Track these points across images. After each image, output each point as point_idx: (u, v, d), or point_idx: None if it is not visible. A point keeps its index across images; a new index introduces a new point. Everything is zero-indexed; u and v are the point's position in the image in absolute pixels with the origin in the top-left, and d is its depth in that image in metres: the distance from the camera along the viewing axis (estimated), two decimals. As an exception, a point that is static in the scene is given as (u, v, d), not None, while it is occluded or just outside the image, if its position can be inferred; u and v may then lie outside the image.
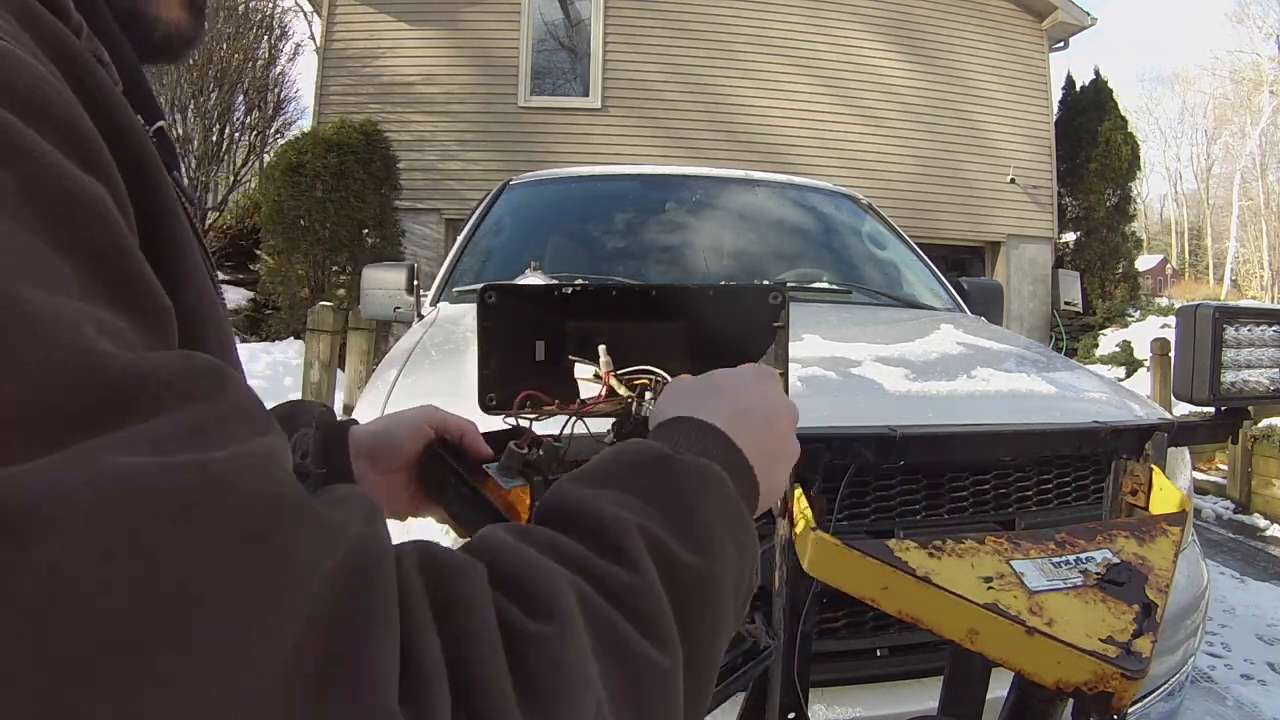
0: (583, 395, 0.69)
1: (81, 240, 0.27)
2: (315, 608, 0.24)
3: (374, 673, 0.24)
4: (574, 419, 0.67)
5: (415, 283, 2.47)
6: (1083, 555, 0.77)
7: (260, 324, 7.75)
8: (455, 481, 0.65)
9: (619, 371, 0.69)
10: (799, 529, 0.80)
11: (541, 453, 0.66)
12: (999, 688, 0.91)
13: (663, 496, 0.39)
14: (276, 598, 0.23)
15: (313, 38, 11.12)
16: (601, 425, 0.70)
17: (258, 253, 7.91)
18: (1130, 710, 1.15)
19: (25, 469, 0.21)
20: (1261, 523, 5.03)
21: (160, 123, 0.44)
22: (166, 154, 0.42)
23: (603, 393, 0.68)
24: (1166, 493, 0.96)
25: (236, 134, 9.93)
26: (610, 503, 0.37)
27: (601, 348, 0.69)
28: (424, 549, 0.31)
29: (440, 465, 0.68)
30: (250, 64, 9.89)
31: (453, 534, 0.60)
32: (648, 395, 0.67)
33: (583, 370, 0.70)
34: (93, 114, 0.31)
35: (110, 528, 0.21)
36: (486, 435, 0.71)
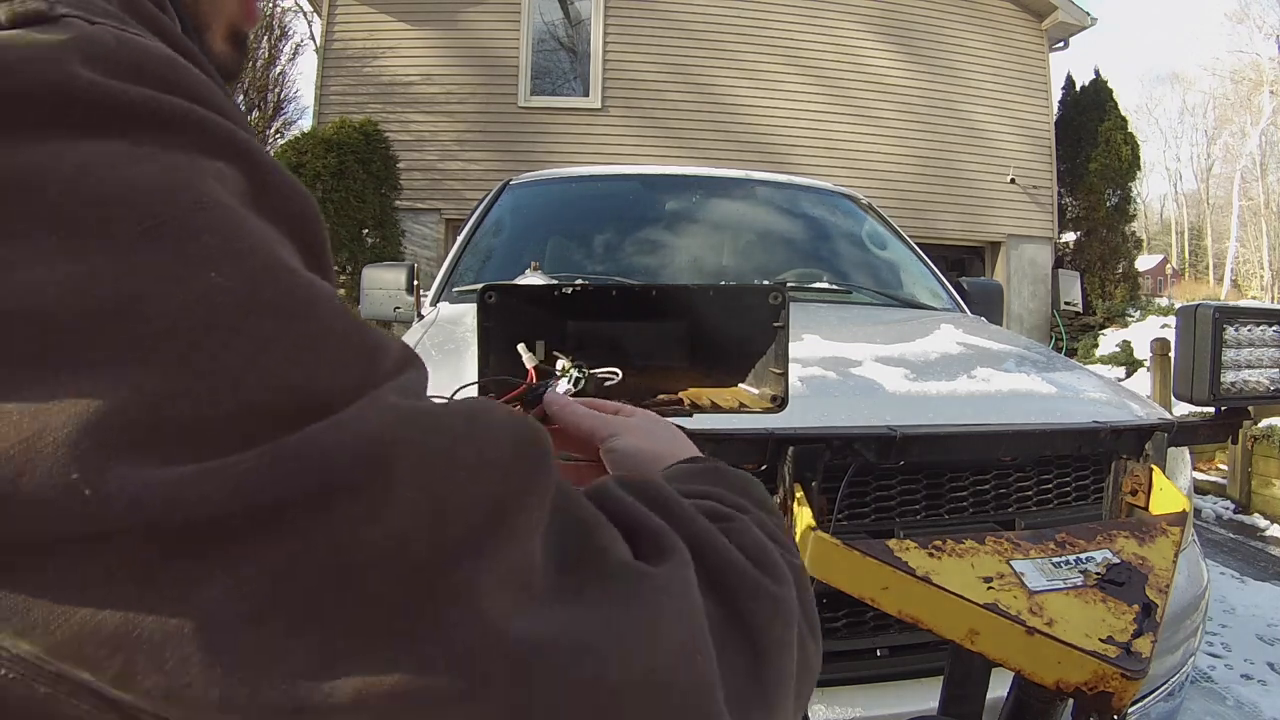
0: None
1: (304, 237, 0.31)
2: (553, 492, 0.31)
3: (603, 537, 0.31)
4: None
5: (415, 283, 2.47)
6: (1083, 555, 0.77)
7: (260, 324, 7.74)
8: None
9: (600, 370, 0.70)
10: (799, 529, 0.80)
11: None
12: (999, 688, 0.91)
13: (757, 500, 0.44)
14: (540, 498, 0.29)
15: (313, 38, 11.13)
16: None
17: (258, 253, 7.90)
18: (1130, 710, 1.15)
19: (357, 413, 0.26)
20: (1261, 523, 5.03)
21: None
22: None
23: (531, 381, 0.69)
24: (1166, 493, 0.96)
25: (236, 134, 9.91)
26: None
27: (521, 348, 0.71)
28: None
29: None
30: (250, 64, 9.89)
31: None
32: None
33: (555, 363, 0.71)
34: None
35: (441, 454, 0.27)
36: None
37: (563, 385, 0.67)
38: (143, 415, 0.23)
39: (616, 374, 0.69)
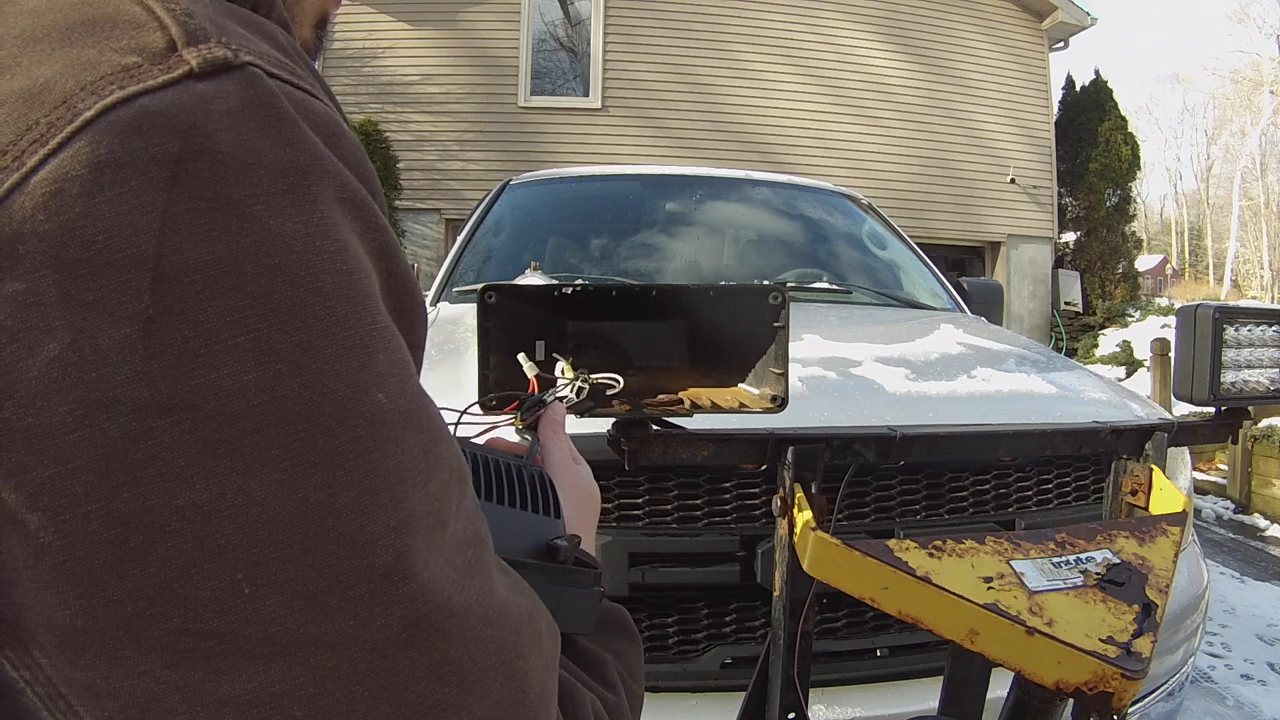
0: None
1: (410, 333, 0.32)
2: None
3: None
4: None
5: (415, 283, 2.47)
6: (1083, 555, 0.77)
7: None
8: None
9: (601, 375, 0.69)
10: (799, 529, 0.80)
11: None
12: (999, 688, 0.91)
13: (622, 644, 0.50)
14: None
15: (313, 38, 11.11)
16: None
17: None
18: (1130, 710, 1.15)
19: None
20: (1261, 523, 5.03)
21: None
22: None
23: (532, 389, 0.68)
24: (1166, 493, 0.96)
25: (236, 134, 9.94)
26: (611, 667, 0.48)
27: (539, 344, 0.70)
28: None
29: None
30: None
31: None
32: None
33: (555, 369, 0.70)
34: None
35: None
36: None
37: (567, 393, 0.67)
38: (302, 525, 0.24)
39: (617, 381, 0.69)
